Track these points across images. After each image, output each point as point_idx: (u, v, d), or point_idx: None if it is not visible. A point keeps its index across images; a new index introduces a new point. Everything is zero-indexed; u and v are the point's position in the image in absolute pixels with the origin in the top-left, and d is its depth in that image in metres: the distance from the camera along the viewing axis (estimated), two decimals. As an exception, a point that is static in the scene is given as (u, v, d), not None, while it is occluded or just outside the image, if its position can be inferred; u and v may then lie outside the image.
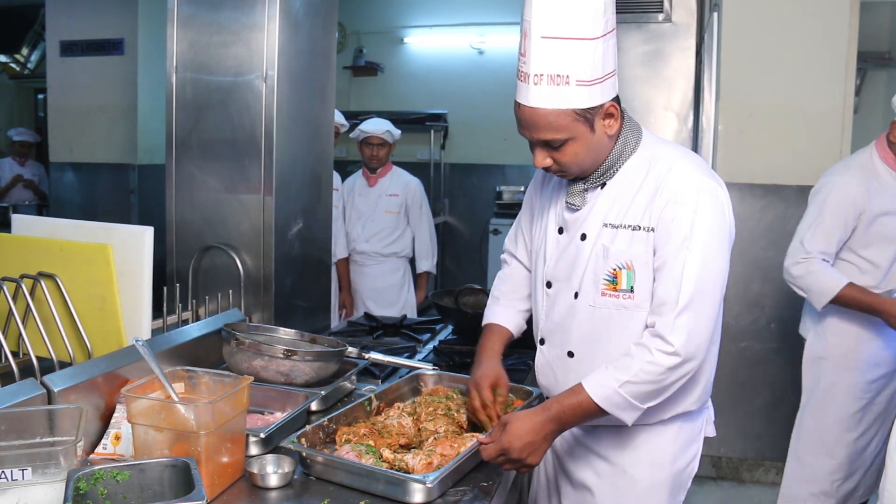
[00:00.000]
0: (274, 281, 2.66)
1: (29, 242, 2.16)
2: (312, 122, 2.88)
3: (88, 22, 5.65)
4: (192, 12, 2.66)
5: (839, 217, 2.95)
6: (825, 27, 3.87)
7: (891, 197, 2.96)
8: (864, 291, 2.92)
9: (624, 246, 1.79)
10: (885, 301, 2.89)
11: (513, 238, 2.20)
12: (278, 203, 2.65)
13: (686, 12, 4.09)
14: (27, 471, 1.42)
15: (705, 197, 1.74)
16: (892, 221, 2.95)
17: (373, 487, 1.66)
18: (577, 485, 1.98)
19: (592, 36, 1.65)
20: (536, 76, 1.67)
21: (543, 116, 1.70)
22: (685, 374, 1.73)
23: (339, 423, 1.91)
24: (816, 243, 2.95)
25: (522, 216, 2.16)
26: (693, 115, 4.14)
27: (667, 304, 1.72)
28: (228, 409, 1.65)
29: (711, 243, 1.73)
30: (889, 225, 2.95)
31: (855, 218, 2.95)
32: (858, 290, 2.92)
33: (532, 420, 1.72)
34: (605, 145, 1.79)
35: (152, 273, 2.11)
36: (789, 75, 3.92)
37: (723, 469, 4.24)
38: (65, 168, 5.94)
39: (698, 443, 1.98)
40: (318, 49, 2.89)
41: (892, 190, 2.97)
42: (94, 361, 1.93)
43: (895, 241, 2.97)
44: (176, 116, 2.70)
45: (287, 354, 2.16)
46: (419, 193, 5.00)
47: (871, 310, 2.92)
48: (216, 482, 1.63)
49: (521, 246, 2.16)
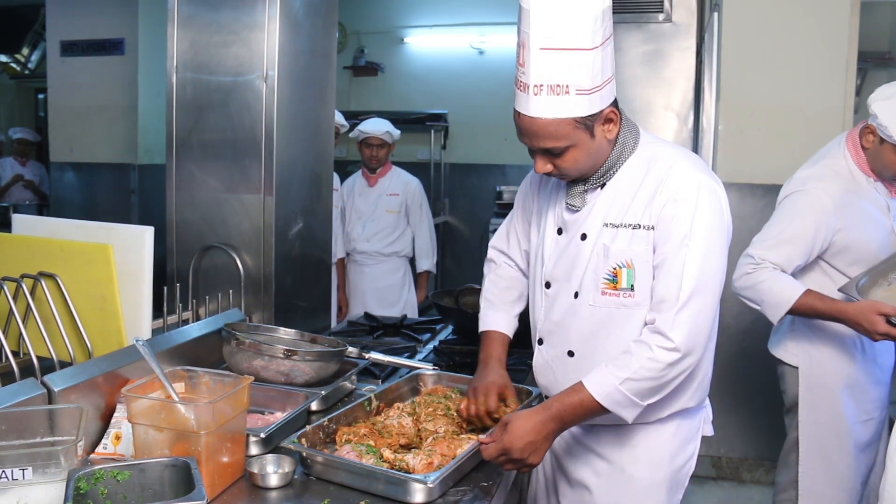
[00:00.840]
0: (274, 281, 2.66)
1: (29, 242, 2.16)
2: (313, 122, 2.89)
3: (89, 22, 5.65)
4: (192, 12, 2.66)
5: (808, 233, 2.60)
6: (825, 27, 3.87)
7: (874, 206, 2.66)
8: (823, 298, 2.55)
9: (624, 245, 1.80)
10: (849, 306, 2.49)
11: (504, 237, 2.19)
12: (278, 203, 2.65)
13: (686, 12, 4.09)
14: (27, 470, 1.42)
15: (704, 195, 1.75)
16: (877, 233, 2.64)
17: (373, 487, 1.66)
18: (575, 484, 1.99)
19: (591, 45, 1.66)
20: (536, 87, 1.68)
21: (544, 126, 1.71)
22: (685, 370, 1.74)
23: (339, 423, 1.91)
24: (771, 255, 2.61)
25: (515, 216, 2.15)
26: (693, 116, 4.14)
27: (667, 300, 1.73)
28: (229, 409, 1.65)
29: (711, 240, 1.74)
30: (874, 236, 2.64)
31: (830, 234, 2.61)
32: (817, 296, 2.55)
33: (533, 419, 1.72)
34: (605, 149, 1.81)
35: (153, 273, 2.11)
36: (790, 75, 3.93)
37: (723, 469, 4.24)
38: (65, 168, 5.94)
39: (696, 441, 1.99)
40: (319, 49, 2.89)
41: (872, 197, 2.66)
42: (95, 361, 1.93)
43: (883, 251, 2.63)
44: (176, 116, 2.70)
45: (287, 354, 2.16)
46: (419, 193, 5.01)
47: (834, 317, 2.54)
48: (216, 482, 1.63)
49: (514, 245, 2.16)
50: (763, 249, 2.64)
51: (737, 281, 2.67)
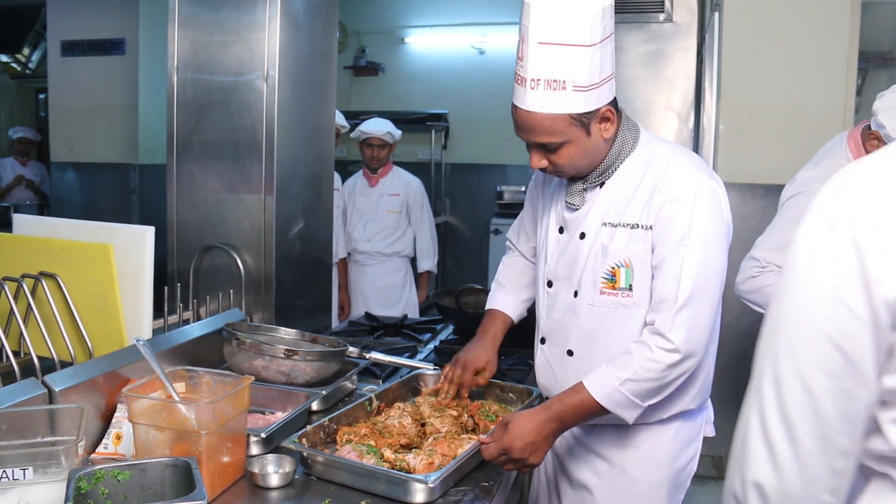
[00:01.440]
0: (275, 281, 2.66)
1: (30, 242, 2.16)
2: (313, 122, 2.89)
3: (89, 22, 5.64)
4: (192, 12, 2.66)
5: None
6: (826, 27, 3.86)
7: None
8: None
9: (622, 244, 1.80)
10: None
11: (515, 231, 2.24)
12: (279, 203, 2.65)
13: (687, 12, 4.09)
14: (28, 470, 1.43)
15: (703, 194, 1.75)
16: None
17: (374, 487, 1.66)
18: (576, 484, 1.99)
19: (590, 42, 1.67)
20: (533, 80, 1.69)
21: (539, 120, 1.72)
22: (685, 371, 1.74)
23: (339, 423, 1.91)
24: (776, 258, 2.51)
25: (525, 213, 2.18)
26: (694, 116, 4.14)
27: (666, 301, 1.73)
28: (229, 409, 1.65)
29: (709, 241, 1.74)
30: None
31: None
32: None
33: (533, 420, 1.72)
34: (601, 148, 1.81)
35: (153, 273, 2.11)
36: (790, 75, 3.92)
37: (724, 469, 4.22)
38: (66, 168, 5.94)
39: (697, 442, 1.98)
40: (319, 49, 2.89)
41: None
42: (95, 361, 1.93)
43: None
44: (177, 116, 2.70)
45: (288, 354, 2.16)
46: (420, 193, 5.01)
47: None
48: (217, 482, 1.63)
49: (524, 240, 2.20)
50: (768, 252, 2.59)
51: (741, 284, 2.62)
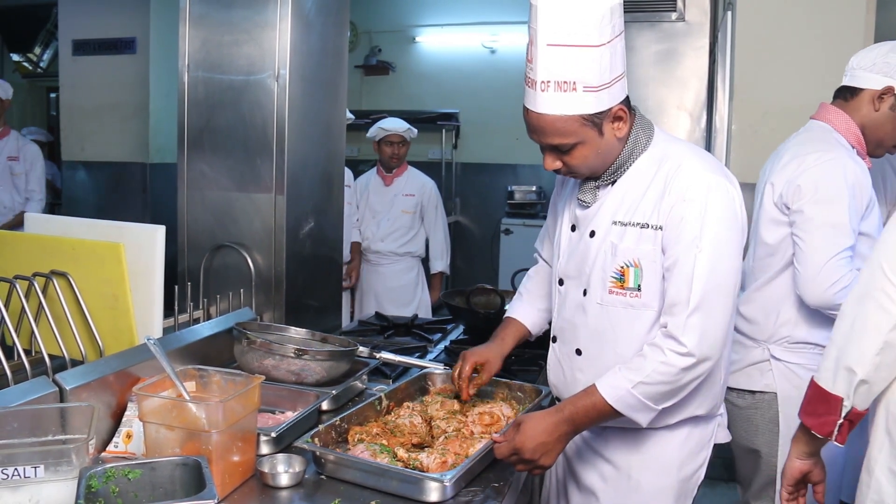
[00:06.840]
0: (285, 280, 2.66)
1: (41, 241, 2.17)
2: (324, 122, 2.88)
3: (101, 21, 5.67)
4: (204, 11, 2.66)
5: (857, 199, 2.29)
6: (841, 26, 3.83)
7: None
8: None
9: (632, 244, 1.78)
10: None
11: (540, 239, 2.24)
12: (290, 202, 2.65)
13: (699, 11, 4.07)
14: (40, 468, 1.43)
15: (715, 195, 1.72)
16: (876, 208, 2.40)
17: (388, 486, 1.66)
18: (583, 488, 1.97)
19: (598, 42, 1.65)
20: (543, 83, 1.67)
21: (551, 122, 1.71)
22: (700, 375, 1.72)
23: (350, 422, 1.90)
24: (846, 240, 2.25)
25: (548, 219, 2.17)
26: (706, 115, 4.11)
27: (678, 304, 1.70)
28: (239, 408, 1.65)
29: (722, 242, 1.71)
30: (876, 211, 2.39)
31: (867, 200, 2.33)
32: None
33: (545, 421, 1.72)
34: (615, 147, 1.79)
35: (164, 272, 2.11)
36: (804, 75, 3.89)
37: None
38: (77, 167, 5.96)
39: (707, 450, 1.93)
40: (330, 48, 2.89)
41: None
42: (106, 360, 1.93)
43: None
44: (188, 115, 2.71)
45: (298, 353, 2.16)
46: (435, 195, 5.02)
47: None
48: (227, 481, 1.63)
49: (547, 245, 2.18)
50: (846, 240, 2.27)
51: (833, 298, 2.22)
